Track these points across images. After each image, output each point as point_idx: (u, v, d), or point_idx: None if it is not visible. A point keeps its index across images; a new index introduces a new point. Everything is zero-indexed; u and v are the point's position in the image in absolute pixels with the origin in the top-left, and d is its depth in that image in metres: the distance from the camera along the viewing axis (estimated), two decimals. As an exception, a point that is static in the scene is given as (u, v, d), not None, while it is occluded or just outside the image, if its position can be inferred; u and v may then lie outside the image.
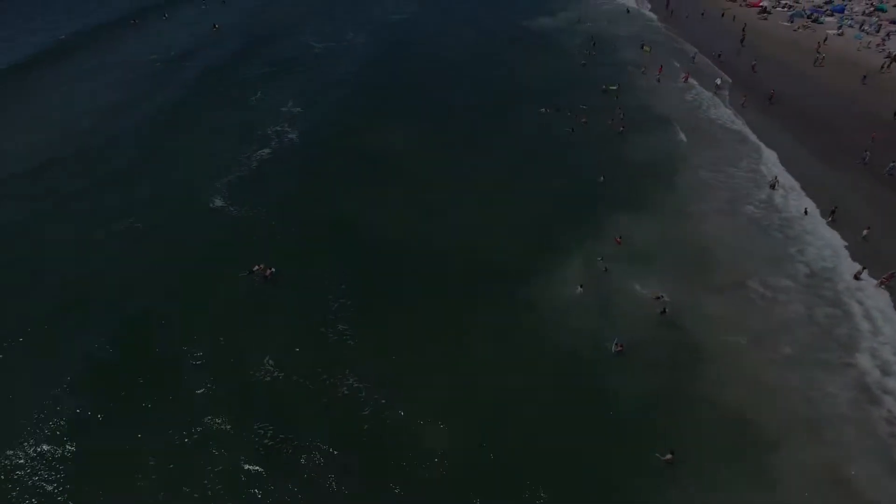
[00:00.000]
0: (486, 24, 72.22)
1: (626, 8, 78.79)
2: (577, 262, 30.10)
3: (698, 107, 48.93)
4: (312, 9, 78.35)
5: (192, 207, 34.64)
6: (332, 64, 57.84)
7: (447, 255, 30.67)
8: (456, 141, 42.80)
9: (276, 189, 36.39)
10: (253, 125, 44.78)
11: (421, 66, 57.90)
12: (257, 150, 41.08)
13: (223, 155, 40.38)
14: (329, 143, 42.16)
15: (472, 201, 35.28)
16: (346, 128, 44.47)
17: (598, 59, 59.77)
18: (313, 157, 40.38)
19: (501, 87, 53.21)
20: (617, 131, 44.13)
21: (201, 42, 63.89)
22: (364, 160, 39.75)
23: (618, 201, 35.40)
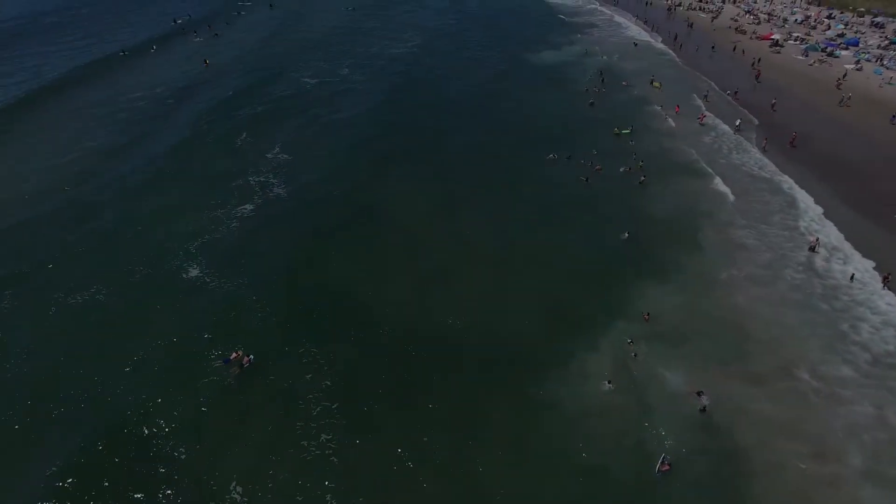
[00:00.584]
0: (489, 57, 69.40)
1: (633, 41, 76.08)
2: (603, 344, 26.12)
3: (719, 151, 45.41)
4: (309, 43, 75.68)
5: (163, 278, 30.74)
6: (324, 103, 54.58)
7: (451, 338, 26.66)
8: (459, 195, 39.01)
9: (258, 255, 32.51)
10: (236, 174, 41.15)
11: (420, 105, 54.64)
12: (239, 205, 37.32)
13: (201, 211, 36.65)
14: (318, 199, 38.38)
15: (479, 268, 31.40)
16: (337, 179, 40.87)
17: (608, 97, 56.56)
18: (300, 216, 36.53)
19: (506, 129, 49.77)
20: (637, 181, 40.42)
21: (189, 79, 60.86)
22: (357, 219, 36.03)
23: (643, 266, 31.61)
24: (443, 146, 46.20)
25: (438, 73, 63.75)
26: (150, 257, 32.28)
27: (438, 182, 40.73)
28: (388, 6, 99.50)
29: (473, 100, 56.30)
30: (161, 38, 76.19)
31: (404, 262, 31.90)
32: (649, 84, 60.37)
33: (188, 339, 26.50)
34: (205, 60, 65.88)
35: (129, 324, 27.44)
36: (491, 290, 29.77)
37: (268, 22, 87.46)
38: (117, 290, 29.66)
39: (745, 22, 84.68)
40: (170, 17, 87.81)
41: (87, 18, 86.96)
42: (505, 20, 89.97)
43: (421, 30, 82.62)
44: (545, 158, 43.79)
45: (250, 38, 78.01)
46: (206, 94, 56.58)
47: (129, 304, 28.77)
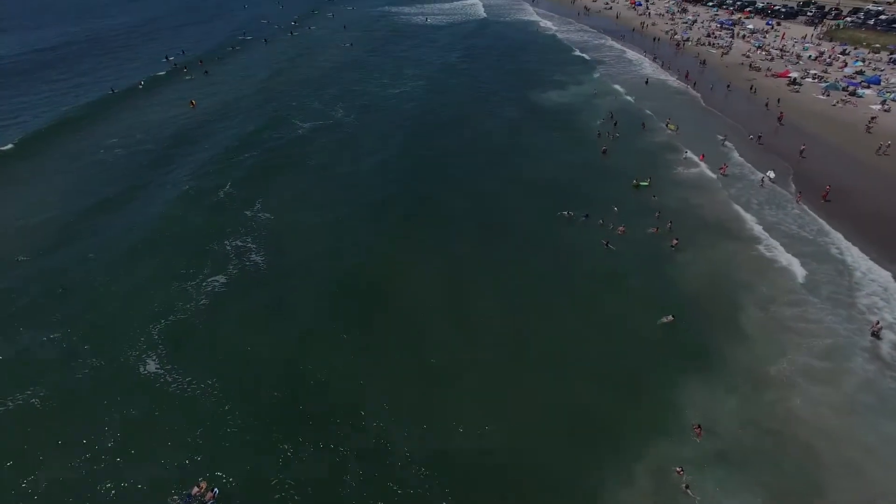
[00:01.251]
0: (493, 99, 65.65)
1: (645, 78, 72.55)
2: (643, 473, 21.20)
3: (749, 205, 40.89)
4: (303, 82, 72.15)
5: (115, 373, 25.94)
6: (315, 153, 50.31)
7: (456, 464, 21.73)
8: (464, 265, 34.29)
9: (227, 344, 27.71)
10: (212, 236, 36.63)
11: (419, 155, 50.31)
12: (211, 275, 32.67)
13: (169, 283, 32.03)
14: (300, 270, 33.63)
15: (487, 367, 26.49)
16: (323, 245, 36.24)
17: (622, 143, 52.46)
18: (279, 292, 31.77)
19: (514, 181, 45.37)
20: (667, 245, 35.81)
21: (173, 122, 56.95)
22: (345, 297, 31.32)
23: (685, 358, 26.83)
24: (444, 203, 41.71)
25: (438, 117, 59.74)
26: (104, 345, 27.52)
27: (440, 248, 36.13)
28: (388, 42, 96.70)
29: (476, 147, 52.02)
30: (150, 76, 72.53)
31: (399, 358, 27.02)
32: (665, 126, 56.51)
33: (140, 462, 21.61)
34: (191, 101, 62.22)
35: (64, 437, 22.57)
36: (500, 396, 24.82)
37: (262, 59, 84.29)
38: (57, 392, 24.84)
39: (758, 58, 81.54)
40: (163, 53, 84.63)
41: (77, 57, 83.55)
42: (508, 57, 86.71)
43: (420, 67, 79.42)
44: (559, 217, 39.31)
45: (242, 76, 74.56)
46: (189, 140, 52.54)
47: (70, 410, 23.94)
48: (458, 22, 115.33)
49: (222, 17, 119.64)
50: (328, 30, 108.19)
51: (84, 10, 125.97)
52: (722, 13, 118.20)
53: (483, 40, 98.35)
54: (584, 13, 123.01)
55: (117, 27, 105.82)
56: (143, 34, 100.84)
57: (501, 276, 33.44)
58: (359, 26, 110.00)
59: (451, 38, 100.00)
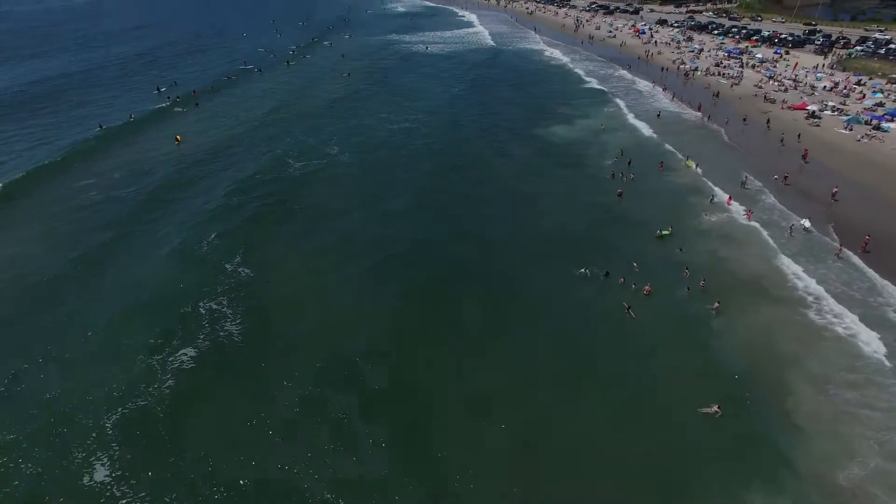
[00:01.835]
0: (499, 135, 61.99)
1: (657, 111, 69.17)
2: None
3: (786, 257, 36.91)
4: (299, 115, 68.80)
5: (55, 483, 21.61)
6: (304, 195, 46.47)
7: None
8: (470, 334, 30.18)
9: (190, 442, 23.43)
10: (186, 296, 32.58)
11: (418, 200, 46.14)
12: (180, 348, 28.49)
13: (132, 357, 27.89)
14: (278, 342, 29.36)
15: (497, 475, 22.17)
16: (308, 309, 32.17)
17: (638, 185, 48.67)
18: (253, 371, 27.54)
19: (523, 230, 41.49)
20: (704, 309, 31.71)
21: (156, 161, 53.30)
22: (331, 376, 27.08)
23: (736, 461, 22.60)
24: (448, 258, 37.64)
25: (441, 156, 55.92)
26: (47, 442, 23.27)
27: (444, 313, 32.00)
28: (387, 73, 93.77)
29: (482, 190, 48.14)
30: (140, 109, 69.16)
31: (402, 455, 22.76)
32: (683, 164, 52.88)
33: None
34: (176, 137, 58.77)
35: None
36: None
37: (257, 91, 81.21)
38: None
39: (771, 89, 78.52)
40: (159, 84, 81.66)
41: (70, 89, 79.98)
42: (513, 87, 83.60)
43: (421, 100, 76.13)
44: (574, 275, 35.24)
45: (234, 110, 71.23)
46: (171, 183, 48.61)
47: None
48: (458, 51, 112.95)
49: (221, 46, 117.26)
50: (326, 59, 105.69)
51: (87, 38, 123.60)
52: (728, 42, 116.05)
53: (486, 70, 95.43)
54: (589, 42, 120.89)
55: (115, 57, 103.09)
56: (141, 64, 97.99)
57: (513, 347, 29.29)
58: (357, 56, 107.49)
59: (451, 68, 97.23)
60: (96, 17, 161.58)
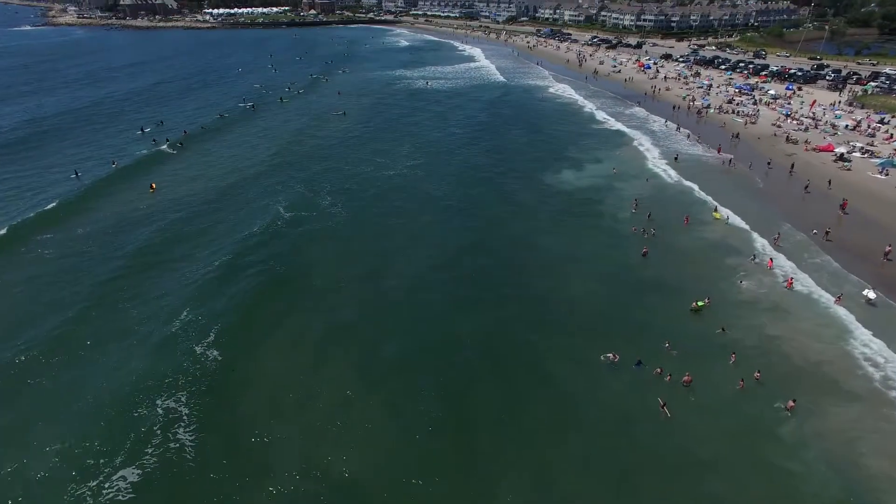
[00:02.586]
0: (501, 183, 56.88)
1: (674, 153, 64.45)
2: None
3: (849, 336, 31.47)
4: (288, 158, 64.24)
5: None
6: (290, 260, 41.04)
7: None
8: (483, 443, 24.71)
9: None
10: (134, 395, 27.17)
11: (412, 264, 40.86)
12: (121, 468, 22.97)
13: (63, 480, 22.23)
14: (241, 465, 23.67)
15: None
16: (281, 419, 26.56)
17: (664, 240, 43.54)
18: (211, 494, 21.97)
19: (536, 303, 35.94)
20: (770, 410, 26.19)
21: (125, 213, 48.43)
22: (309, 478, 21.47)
23: None
24: (450, 341, 32.08)
25: (440, 209, 50.69)
26: None
27: (446, 411, 26.50)
28: (384, 111, 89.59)
29: (488, 250, 42.83)
30: (123, 154, 64.54)
31: None
32: (711, 216, 47.88)
33: None
34: (151, 185, 54.04)
35: None
36: None
37: (247, 131, 76.85)
38: None
39: (790, 128, 74.29)
40: (147, 123, 77.55)
41: (57, 131, 75.20)
42: (518, 125, 79.32)
43: (418, 142, 71.35)
44: (598, 361, 29.79)
45: (220, 152, 66.72)
46: (139, 241, 43.45)
47: None
48: (460, 88, 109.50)
49: (215, 83, 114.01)
50: (321, 96, 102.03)
51: (78, 77, 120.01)
52: (737, 77, 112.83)
53: (490, 108, 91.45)
54: (594, 77, 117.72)
55: (105, 96, 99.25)
56: (131, 102, 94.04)
57: (532, 461, 23.75)
58: (353, 93, 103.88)
59: (453, 107, 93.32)
60: (91, 53, 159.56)
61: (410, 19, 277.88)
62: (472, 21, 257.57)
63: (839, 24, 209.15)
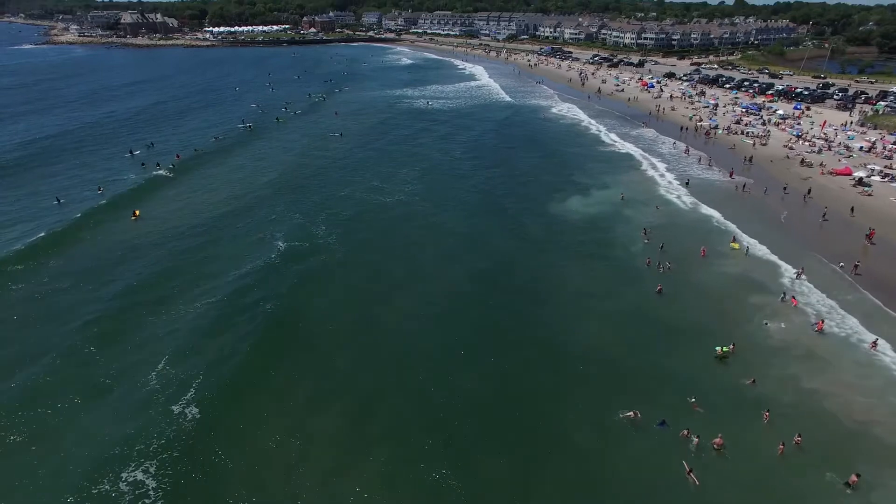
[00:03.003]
0: (506, 212, 53.77)
1: (685, 177, 61.81)
2: None
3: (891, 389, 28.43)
4: (282, 182, 61.55)
5: None
6: (279, 300, 37.73)
7: None
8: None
9: None
10: (95, 465, 23.96)
11: (410, 302, 37.84)
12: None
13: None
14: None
15: None
16: (268, 466, 23.48)
17: (679, 277, 40.53)
18: None
19: (546, 349, 32.70)
20: (825, 482, 22.96)
21: (106, 246, 45.28)
22: None
23: None
24: (455, 395, 28.96)
25: (440, 238, 47.81)
26: None
27: (449, 477, 23.29)
28: (383, 132, 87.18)
29: (491, 290, 39.69)
30: (109, 179, 61.88)
31: None
32: (728, 247, 45.01)
33: None
34: (134, 212, 51.32)
35: None
36: None
37: (240, 152, 74.30)
38: None
39: (803, 150, 71.84)
40: (139, 144, 75.28)
41: (49, 154, 72.49)
42: (521, 147, 76.89)
43: (419, 165, 68.65)
44: (616, 419, 26.70)
45: (211, 175, 64.01)
46: (115, 275, 40.56)
47: None
48: (462, 108, 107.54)
49: (212, 103, 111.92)
50: (318, 115, 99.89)
51: (73, 97, 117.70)
52: (742, 96, 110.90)
53: (493, 128, 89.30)
54: (597, 96, 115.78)
55: (99, 116, 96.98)
56: (125, 123, 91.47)
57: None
58: (351, 112, 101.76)
59: (452, 126, 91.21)
60: (89, 72, 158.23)
61: (411, 37, 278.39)
62: (472, 39, 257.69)
63: (839, 43, 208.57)
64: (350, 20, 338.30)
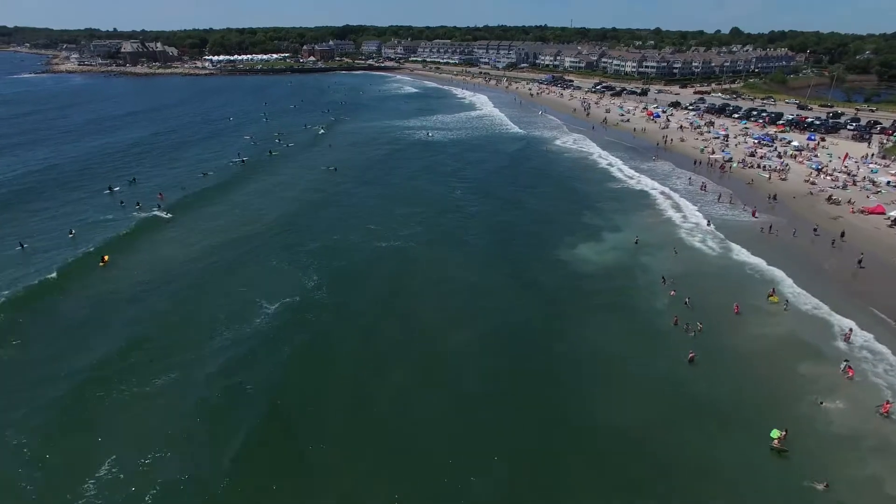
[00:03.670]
0: (513, 261, 48.91)
1: (705, 217, 57.27)
2: None
3: None
4: (268, 225, 57.00)
5: None
6: (268, 368, 33.28)
7: None
8: None
9: None
10: None
11: (409, 372, 33.05)
12: None
13: None
14: None
15: None
16: None
17: (712, 340, 35.54)
18: None
19: (552, 436, 27.66)
20: None
21: (65, 304, 40.52)
22: None
23: None
24: (460, 488, 23.97)
25: (440, 293, 42.96)
26: None
27: None
28: (379, 167, 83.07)
29: (498, 354, 34.97)
30: (87, 218, 57.60)
31: None
32: (766, 301, 40.20)
33: None
34: (103, 258, 46.90)
35: None
36: None
37: (227, 190, 69.72)
38: None
39: (826, 185, 67.63)
40: (115, 181, 71.14)
41: (26, 193, 68.60)
42: (527, 187, 72.18)
43: (416, 205, 63.70)
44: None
45: (196, 215, 59.52)
46: (71, 347, 35.50)
47: None
48: (464, 139, 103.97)
49: (205, 135, 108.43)
50: (313, 148, 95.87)
51: (60, 130, 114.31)
52: (752, 126, 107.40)
53: (495, 161, 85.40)
54: (603, 126, 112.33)
55: (99, 150, 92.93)
56: (118, 158, 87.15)
57: None
58: (346, 145, 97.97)
59: (455, 158, 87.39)
60: (83, 103, 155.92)
61: (410, 66, 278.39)
62: (471, 67, 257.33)
63: (839, 71, 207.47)
64: (350, 49, 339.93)
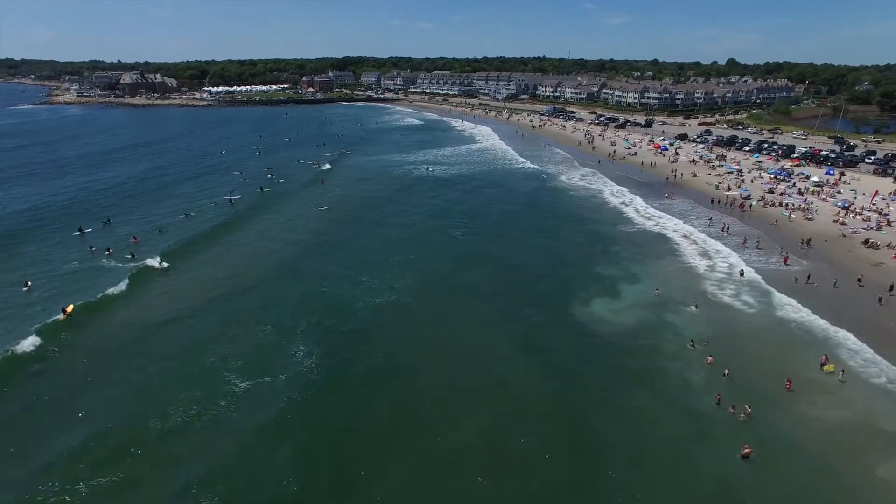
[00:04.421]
0: (524, 322, 42.79)
1: (735, 266, 51.87)
2: None
3: None
4: (253, 275, 51.54)
5: None
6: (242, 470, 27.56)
7: None
8: None
9: None
10: None
11: (403, 467, 27.44)
12: None
13: None
14: None
15: None
16: None
17: (762, 427, 29.74)
18: None
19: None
20: None
21: (12, 366, 35.00)
22: None
23: None
24: None
25: (438, 359, 37.57)
26: None
27: None
28: (373, 206, 77.74)
29: (503, 445, 29.22)
30: (46, 269, 52.21)
31: None
32: (821, 372, 34.52)
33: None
34: (64, 310, 41.64)
35: None
36: None
37: (209, 233, 64.38)
38: None
39: (859, 226, 62.60)
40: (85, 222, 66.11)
41: None
42: (538, 231, 66.50)
43: (413, 252, 58.30)
44: None
45: (170, 264, 53.72)
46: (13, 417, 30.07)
47: None
48: (464, 175, 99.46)
49: (195, 171, 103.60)
50: (303, 185, 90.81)
51: (67, 164, 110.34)
52: (765, 160, 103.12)
53: (500, 200, 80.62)
54: (610, 160, 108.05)
55: (82, 189, 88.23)
56: (104, 197, 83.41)
57: None
58: (339, 181, 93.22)
59: (458, 194, 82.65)
60: (76, 136, 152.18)
61: (409, 97, 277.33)
62: (471, 99, 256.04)
63: (841, 102, 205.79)
64: (349, 80, 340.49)
